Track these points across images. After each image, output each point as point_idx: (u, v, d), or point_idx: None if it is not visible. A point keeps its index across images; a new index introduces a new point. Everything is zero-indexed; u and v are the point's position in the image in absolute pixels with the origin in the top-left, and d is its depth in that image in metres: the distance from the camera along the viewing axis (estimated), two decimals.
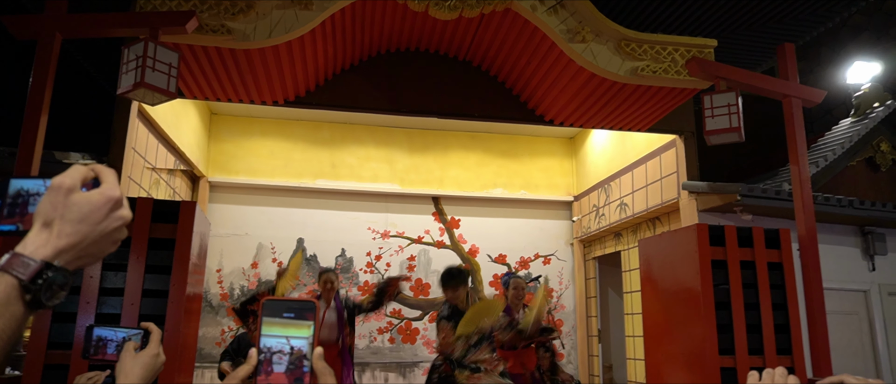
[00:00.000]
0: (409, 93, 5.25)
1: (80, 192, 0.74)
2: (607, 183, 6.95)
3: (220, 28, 3.88)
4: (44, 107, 3.49)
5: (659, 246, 4.40)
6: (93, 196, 0.74)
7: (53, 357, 3.13)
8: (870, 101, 5.99)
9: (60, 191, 0.72)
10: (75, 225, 0.72)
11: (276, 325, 0.84)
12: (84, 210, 0.73)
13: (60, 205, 0.72)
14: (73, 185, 0.73)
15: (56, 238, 0.71)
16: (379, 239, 7.34)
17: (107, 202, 0.74)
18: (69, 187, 0.73)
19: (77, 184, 0.74)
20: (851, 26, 8.68)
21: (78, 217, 0.72)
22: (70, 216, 0.72)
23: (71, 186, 0.73)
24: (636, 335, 6.23)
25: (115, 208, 0.75)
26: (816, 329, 3.97)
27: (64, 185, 0.73)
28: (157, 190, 5.54)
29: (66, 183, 0.73)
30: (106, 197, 0.75)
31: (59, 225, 0.71)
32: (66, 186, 0.73)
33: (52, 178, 0.74)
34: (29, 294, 0.68)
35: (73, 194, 0.73)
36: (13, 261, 0.69)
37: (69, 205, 0.72)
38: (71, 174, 0.74)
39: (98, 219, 0.73)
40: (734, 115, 4.00)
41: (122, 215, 0.76)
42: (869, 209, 5.36)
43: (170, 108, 5.48)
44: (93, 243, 0.73)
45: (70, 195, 0.73)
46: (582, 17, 4.35)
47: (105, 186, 0.76)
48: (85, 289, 3.21)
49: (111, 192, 0.75)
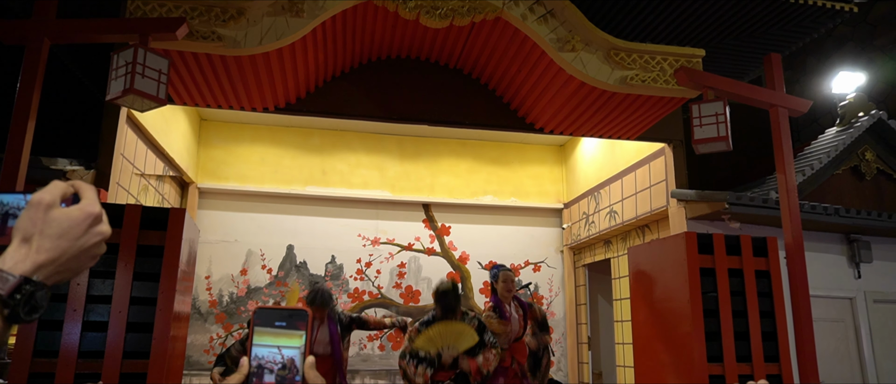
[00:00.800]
0: (399, 100, 5.26)
1: (60, 209, 0.75)
2: (597, 191, 6.99)
3: (210, 34, 3.88)
4: (31, 112, 3.46)
5: (648, 254, 4.43)
6: (72, 212, 0.75)
7: (39, 365, 3.09)
8: (855, 110, 6.07)
9: (40, 207, 0.73)
10: (54, 240, 0.73)
11: (267, 335, 0.84)
12: (64, 226, 0.73)
13: (40, 220, 0.73)
14: (52, 201, 0.74)
15: (35, 253, 0.71)
16: (369, 246, 7.33)
17: (86, 218, 0.75)
18: (48, 203, 0.74)
19: (56, 200, 0.75)
20: (836, 37, 8.81)
21: (57, 232, 0.73)
22: (49, 232, 0.73)
23: (50, 202, 0.74)
24: (626, 342, 6.25)
25: (95, 224, 0.76)
26: (803, 336, 4.00)
27: (43, 201, 0.74)
28: (146, 196, 5.50)
29: (45, 199, 0.74)
30: (85, 213, 0.75)
31: (38, 240, 0.72)
32: (45, 202, 0.74)
33: (32, 193, 0.75)
34: (7, 308, 0.69)
35: (52, 210, 0.74)
36: None
37: (48, 220, 0.73)
38: (50, 190, 0.75)
39: (77, 234, 0.74)
40: (722, 125, 4.04)
41: (101, 231, 0.77)
42: (854, 217, 5.43)
43: (159, 114, 5.46)
44: (72, 258, 0.74)
45: (49, 211, 0.74)
46: (572, 27, 4.38)
47: (85, 202, 0.77)
48: (72, 296, 3.18)
49: (91, 207, 0.76)
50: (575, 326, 7.50)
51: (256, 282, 6.93)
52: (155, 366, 3.18)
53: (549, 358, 5.14)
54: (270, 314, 0.86)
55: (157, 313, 3.25)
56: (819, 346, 4.47)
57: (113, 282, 3.25)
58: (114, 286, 3.24)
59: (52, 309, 3.16)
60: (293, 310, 0.85)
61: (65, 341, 3.12)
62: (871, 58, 8.67)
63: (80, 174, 4.39)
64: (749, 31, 5.07)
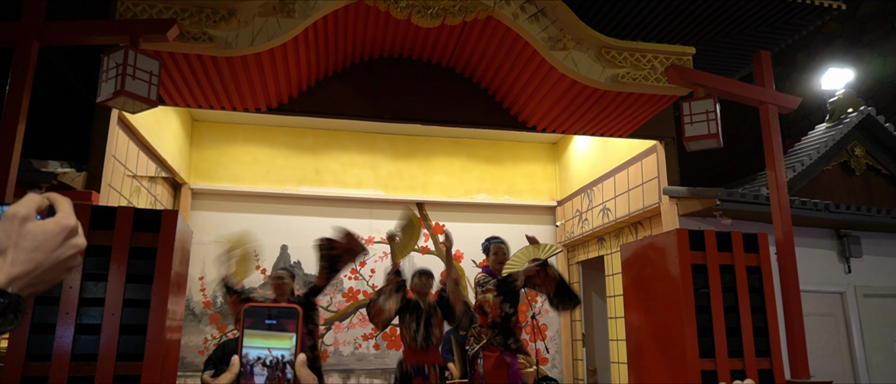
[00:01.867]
0: (392, 99, 5.27)
1: (36, 221, 0.75)
2: (590, 188, 7.01)
3: (201, 35, 3.87)
4: (21, 114, 3.45)
5: (640, 250, 4.46)
6: (47, 225, 0.75)
7: (32, 368, 3.08)
8: (844, 106, 6.12)
9: (15, 220, 0.74)
10: (29, 253, 0.73)
11: (257, 337, 0.84)
12: (39, 238, 0.74)
13: (15, 233, 0.73)
14: (27, 214, 0.74)
15: (10, 265, 0.72)
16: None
17: (61, 231, 0.76)
18: (24, 216, 0.74)
19: (32, 212, 0.75)
20: (825, 34, 8.87)
21: (32, 245, 0.73)
22: (24, 244, 0.73)
23: (25, 215, 0.74)
24: (620, 339, 6.29)
25: (70, 236, 0.77)
26: (794, 331, 4.04)
27: (18, 214, 0.74)
28: (138, 198, 5.49)
29: (20, 212, 0.74)
30: (61, 225, 0.76)
31: (13, 253, 0.72)
32: (20, 215, 0.74)
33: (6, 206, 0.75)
34: None
35: (27, 223, 0.74)
36: None
37: (24, 233, 0.73)
38: (25, 203, 0.75)
39: (53, 247, 0.75)
40: (712, 122, 4.07)
41: (76, 243, 0.77)
42: (844, 212, 5.47)
43: (151, 115, 5.44)
44: (47, 270, 0.75)
45: (25, 224, 0.74)
46: (563, 25, 4.40)
47: (60, 215, 0.77)
48: (64, 299, 3.17)
49: (66, 220, 0.76)
50: (569, 323, 7.53)
51: (250, 283, 6.92)
52: (149, 368, 3.18)
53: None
54: (260, 311, 0.86)
55: (150, 315, 3.25)
56: (810, 341, 4.51)
57: (106, 284, 3.24)
58: (107, 288, 3.23)
59: (44, 312, 3.15)
60: (283, 309, 0.85)
61: (58, 344, 3.11)
62: (859, 54, 8.74)
63: (72, 176, 4.37)
64: (739, 29, 5.10)
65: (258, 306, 0.85)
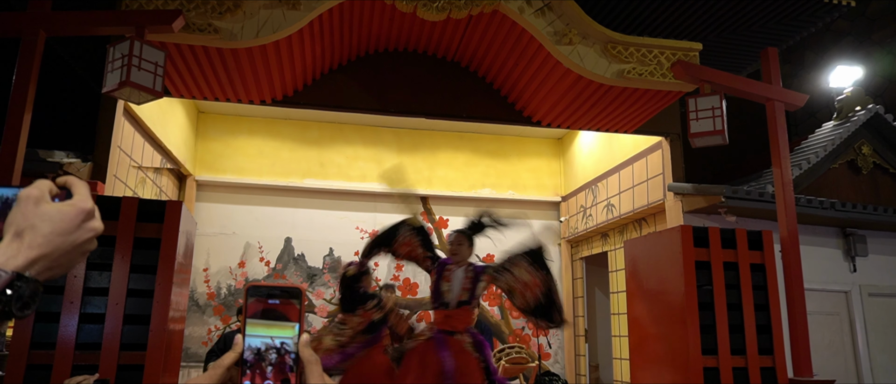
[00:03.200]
0: (397, 93, 5.26)
1: (52, 204, 0.74)
2: (594, 184, 6.99)
3: (206, 27, 3.87)
4: (27, 105, 3.46)
5: (644, 247, 4.44)
6: (65, 207, 0.75)
7: (36, 357, 3.10)
8: (852, 104, 6.08)
9: (29, 201, 0.73)
10: (47, 236, 0.72)
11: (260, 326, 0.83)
12: (56, 221, 0.73)
13: (31, 215, 0.72)
14: (40, 195, 0.74)
15: (27, 248, 0.71)
16: (367, 238, 7.31)
17: (78, 214, 0.75)
18: (37, 198, 0.74)
19: (45, 195, 0.74)
20: (834, 31, 8.80)
21: (50, 228, 0.72)
22: (42, 227, 0.72)
23: (38, 197, 0.74)
24: (622, 335, 6.28)
25: (87, 220, 0.76)
26: (797, 329, 4.03)
27: (32, 195, 0.73)
28: (144, 189, 5.51)
29: (33, 194, 0.74)
30: (78, 209, 0.75)
31: (30, 236, 0.71)
32: (34, 197, 0.73)
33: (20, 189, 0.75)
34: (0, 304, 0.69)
35: (43, 205, 0.73)
36: None
37: (40, 215, 0.73)
38: (39, 186, 0.75)
39: (70, 229, 0.74)
40: (718, 118, 4.04)
41: (93, 227, 0.77)
42: (850, 211, 5.44)
43: (156, 107, 5.45)
44: (64, 254, 0.74)
45: (39, 206, 0.73)
46: (569, 20, 4.38)
47: (77, 198, 0.76)
48: (69, 288, 3.18)
49: (83, 203, 0.76)
50: (572, 319, 7.52)
51: (254, 275, 6.95)
52: (152, 357, 3.20)
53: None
54: (263, 291, 0.84)
55: (154, 305, 3.26)
56: (813, 339, 4.49)
57: (110, 274, 3.25)
58: (111, 278, 3.25)
59: (49, 301, 3.16)
60: (286, 288, 0.84)
61: (62, 333, 3.13)
62: (869, 52, 8.66)
63: (77, 167, 4.38)
64: (747, 26, 5.07)
65: (260, 285, 0.84)
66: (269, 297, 0.82)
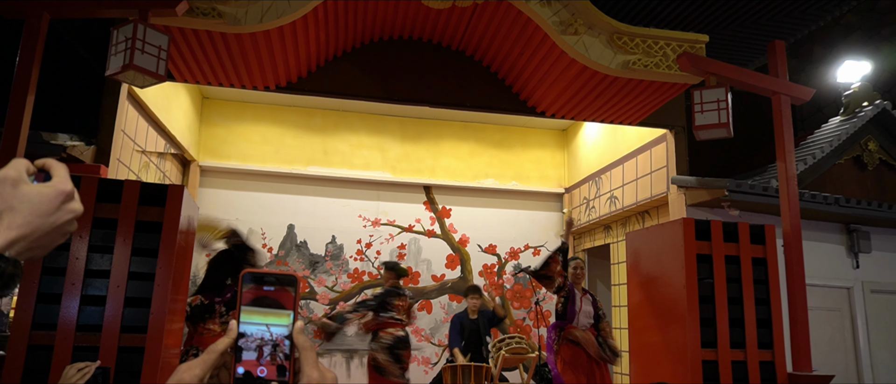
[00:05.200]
0: (401, 81, 5.24)
1: (31, 185, 0.75)
2: (598, 176, 6.98)
3: (210, 11, 3.86)
4: (31, 87, 3.46)
5: (646, 239, 4.44)
6: (44, 188, 0.75)
7: (37, 337, 3.12)
8: (859, 99, 6.03)
9: (6, 183, 0.73)
10: (26, 216, 0.72)
11: (255, 314, 0.83)
12: (35, 202, 0.73)
13: (9, 196, 0.72)
14: (17, 176, 0.74)
15: (6, 229, 0.71)
16: (370, 226, 7.35)
17: (58, 195, 0.75)
18: (15, 179, 0.73)
19: (22, 175, 0.74)
20: (843, 25, 8.71)
21: (28, 209, 0.73)
22: (21, 208, 0.72)
23: (16, 178, 0.74)
24: (623, 327, 6.28)
25: (67, 201, 0.76)
26: (798, 324, 4.02)
27: (9, 176, 0.73)
28: (147, 173, 5.52)
29: (10, 174, 0.74)
30: (57, 190, 0.76)
31: (9, 217, 0.72)
32: (11, 178, 0.73)
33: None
34: None
35: (21, 185, 0.74)
36: None
37: (19, 196, 0.73)
38: (14, 166, 0.75)
39: (49, 211, 0.74)
40: (723, 111, 4.02)
41: (72, 208, 0.77)
42: (855, 207, 5.41)
43: (161, 91, 5.45)
44: (44, 235, 0.74)
45: (18, 187, 0.73)
46: (575, 10, 4.35)
47: (57, 180, 0.77)
48: (70, 270, 3.20)
49: (62, 185, 0.76)
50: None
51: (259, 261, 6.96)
52: (152, 340, 3.21)
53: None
54: (258, 277, 0.84)
55: (154, 288, 3.27)
56: (814, 335, 4.48)
57: (111, 256, 3.27)
58: (112, 261, 3.26)
59: (50, 282, 3.18)
60: (283, 275, 0.83)
61: (63, 314, 3.15)
62: (877, 47, 8.58)
63: (81, 150, 4.39)
64: (754, 18, 5.02)
65: (256, 272, 0.84)
66: (264, 284, 0.82)
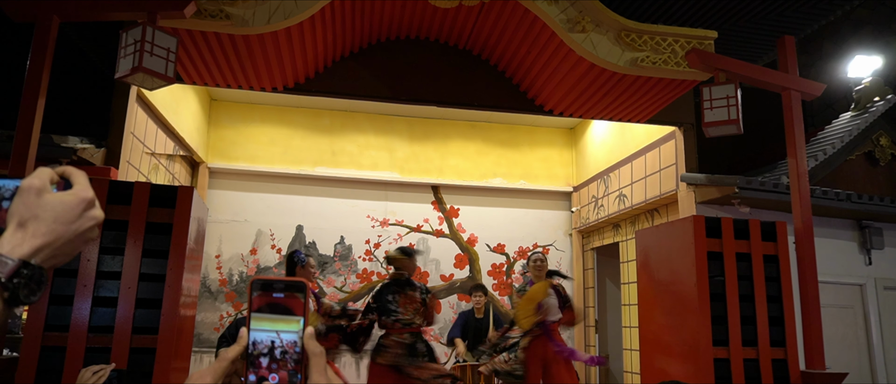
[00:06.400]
0: (408, 81, 5.24)
1: (54, 193, 0.77)
2: (606, 174, 6.95)
3: (218, 13, 3.87)
4: (41, 90, 3.49)
5: (656, 237, 4.41)
6: (66, 197, 0.77)
7: (50, 338, 3.15)
8: (870, 95, 5.97)
9: (31, 191, 0.75)
10: (50, 224, 0.74)
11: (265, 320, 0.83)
12: (58, 210, 0.75)
13: (34, 205, 0.74)
14: (42, 185, 0.76)
15: (31, 237, 0.73)
16: (378, 227, 7.35)
17: (80, 202, 0.77)
18: (39, 188, 0.76)
19: (46, 184, 0.77)
20: (853, 20, 8.64)
21: (52, 217, 0.75)
22: (45, 216, 0.74)
23: (40, 187, 0.76)
24: (633, 325, 6.26)
25: (88, 208, 0.78)
26: (810, 321, 3.98)
27: (34, 186, 0.75)
28: (157, 175, 5.55)
29: (35, 184, 0.76)
30: (79, 198, 0.77)
31: (34, 225, 0.74)
32: (35, 187, 0.75)
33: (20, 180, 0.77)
34: (7, 291, 0.71)
35: (44, 194, 0.75)
36: None
37: (43, 205, 0.75)
38: (38, 175, 0.77)
39: (72, 218, 0.76)
40: (733, 108, 3.99)
41: (94, 215, 0.79)
42: (867, 203, 5.36)
43: (169, 94, 5.48)
44: (67, 242, 0.76)
45: (42, 195, 0.75)
46: (582, 7, 4.33)
47: (78, 187, 0.78)
48: (82, 272, 3.22)
49: (84, 193, 0.78)
50: (582, 309, 7.50)
51: (266, 262, 6.99)
52: (164, 341, 3.23)
53: None
54: (267, 284, 0.84)
55: (165, 290, 3.29)
56: (827, 332, 4.44)
57: (122, 258, 3.29)
58: (123, 262, 3.28)
59: (63, 284, 3.20)
60: (291, 281, 0.84)
61: (75, 316, 3.17)
62: (888, 42, 8.50)
63: (91, 152, 4.42)
64: (763, 14, 4.98)
65: (265, 279, 0.84)
66: (274, 291, 0.82)
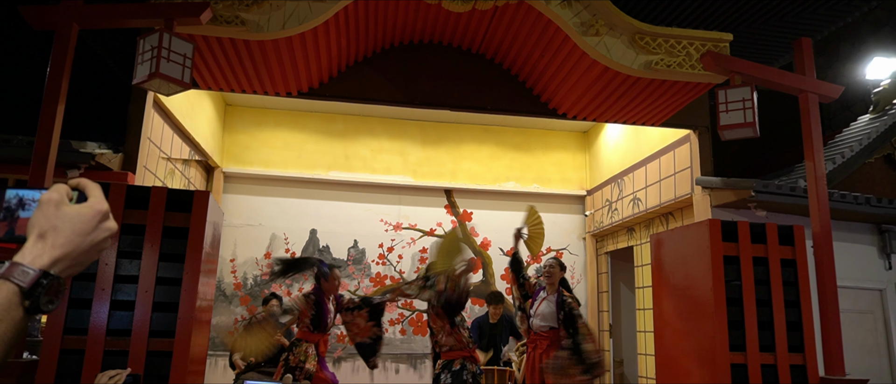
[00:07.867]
0: (422, 85, 5.25)
1: (71, 206, 0.81)
2: (620, 177, 6.91)
3: (234, 19, 3.91)
4: (61, 96, 3.54)
5: (671, 241, 4.38)
6: (83, 209, 0.81)
7: (69, 342, 3.19)
8: (889, 97, 5.89)
9: (50, 204, 0.80)
10: (68, 235, 0.79)
11: None
12: (75, 222, 0.80)
13: (53, 217, 0.79)
14: (60, 198, 0.81)
15: (51, 248, 0.77)
16: (391, 231, 7.37)
17: (95, 215, 0.82)
18: (57, 201, 0.80)
19: (64, 198, 0.81)
20: (871, 21, 8.53)
21: (70, 228, 0.79)
22: (63, 228, 0.79)
23: (58, 200, 0.80)
24: (648, 330, 6.21)
25: (103, 220, 0.83)
26: (829, 327, 3.93)
27: (52, 199, 0.80)
28: (173, 180, 5.60)
29: (54, 197, 0.80)
30: (94, 210, 0.82)
31: (53, 236, 0.78)
32: (54, 200, 0.80)
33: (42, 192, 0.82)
34: (28, 300, 0.75)
35: (63, 207, 0.80)
36: (12, 270, 0.75)
37: (62, 217, 0.79)
38: (57, 189, 0.82)
39: (88, 230, 0.81)
40: (749, 110, 3.96)
41: (108, 226, 0.83)
42: (886, 207, 5.28)
43: (185, 99, 5.53)
44: (83, 252, 0.80)
45: (60, 208, 0.80)
46: (596, 10, 4.32)
47: (93, 200, 0.83)
48: (100, 276, 3.26)
49: (99, 205, 0.83)
50: (597, 314, 7.46)
51: None
52: (180, 344, 3.26)
53: None
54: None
55: (182, 293, 3.32)
56: (846, 338, 4.38)
57: (140, 262, 3.32)
58: (140, 266, 3.32)
59: (81, 288, 3.24)
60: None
61: (94, 319, 3.21)
62: None
63: (108, 157, 4.48)
64: (779, 15, 4.94)
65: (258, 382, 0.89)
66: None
